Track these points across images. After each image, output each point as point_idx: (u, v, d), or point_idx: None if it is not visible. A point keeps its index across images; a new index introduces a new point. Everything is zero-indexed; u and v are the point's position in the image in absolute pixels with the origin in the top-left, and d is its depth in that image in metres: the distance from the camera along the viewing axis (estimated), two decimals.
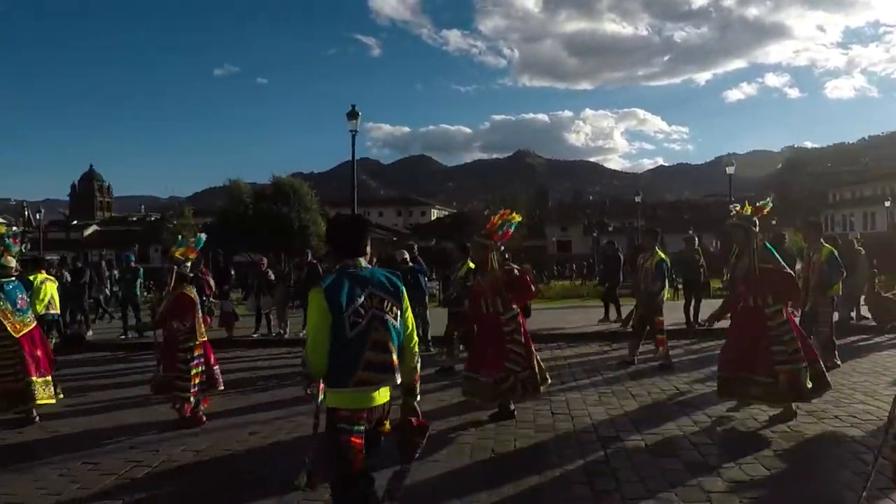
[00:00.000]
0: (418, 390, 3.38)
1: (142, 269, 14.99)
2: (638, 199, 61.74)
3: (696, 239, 14.01)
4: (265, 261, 14.23)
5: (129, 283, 14.09)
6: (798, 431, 5.75)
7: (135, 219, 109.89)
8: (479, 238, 6.84)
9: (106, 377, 10.03)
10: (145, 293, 17.58)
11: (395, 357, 3.13)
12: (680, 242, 13.89)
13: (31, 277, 10.24)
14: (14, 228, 8.07)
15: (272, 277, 13.69)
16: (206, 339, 6.95)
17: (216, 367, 7.06)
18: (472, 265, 8.00)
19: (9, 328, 6.88)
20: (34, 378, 6.91)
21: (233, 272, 17.62)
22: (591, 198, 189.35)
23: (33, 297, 9.94)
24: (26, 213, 53.20)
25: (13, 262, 7.28)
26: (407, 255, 11.63)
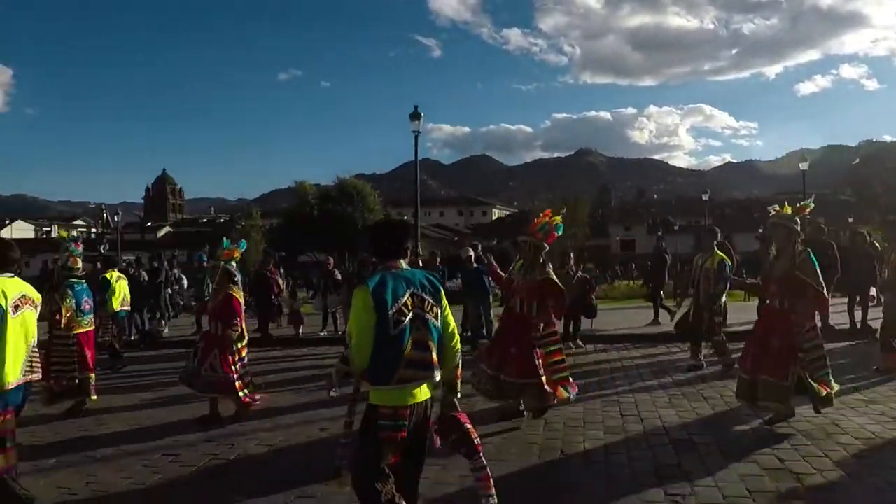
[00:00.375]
0: (459, 387, 3.44)
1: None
2: (705, 197, 60.13)
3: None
4: (332, 260, 14.49)
5: (201, 283, 14.54)
6: (879, 437, 5.51)
7: (205, 220, 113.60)
8: (522, 236, 6.84)
9: None
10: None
11: (434, 355, 3.22)
12: (750, 242, 13.47)
13: (107, 275, 10.78)
14: (73, 233, 8.49)
15: (338, 277, 13.91)
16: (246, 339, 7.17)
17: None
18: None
19: (70, 326, 7.22)
20: (91, 374, 7.31)
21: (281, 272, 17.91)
22: (655, 196, 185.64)
23: (110, 294, 10.45)
24: (105, 215, 55.70)
25: (80, 263, 7.62)
26: (472, 254, 11.64)
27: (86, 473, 5.28)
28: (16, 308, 4.12)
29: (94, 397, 7.51)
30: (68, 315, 7.20)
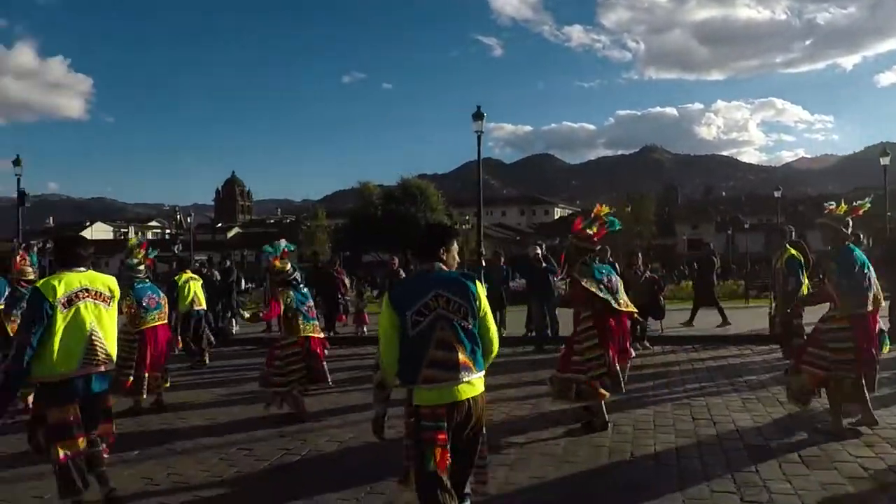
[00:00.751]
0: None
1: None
2: (777, 193, 57.99)
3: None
4: (396, 260, 14.64)
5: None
6: None
7: (271, 221, 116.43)
8: (571, 238, 6.74)
9: (255, 369, 10.66)
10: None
11: (461, 356, 3.19)
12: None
13: (176, 278, 11.30)
14: (139, 237, 8.74)
15: (403, 276, 14.05)
16: (309, 335, 7.20)
17: (324, 362, 7.37)
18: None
19: (129, 322, 7.49)
20: (145, 374, 7.46)
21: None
22: (724, 193, 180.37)
23: (178, 295, 10.87)
24: (178, 216, 57.89)
25: (137, 265, 7.87)
26: (539, 252, 11.59)
27: (166, 465, 5.51)
28: (69, 302, 4.24)
29: (145, 396, 7.62)
30: (131, 311, 7.52)
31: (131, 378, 7.31)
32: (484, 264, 21.52)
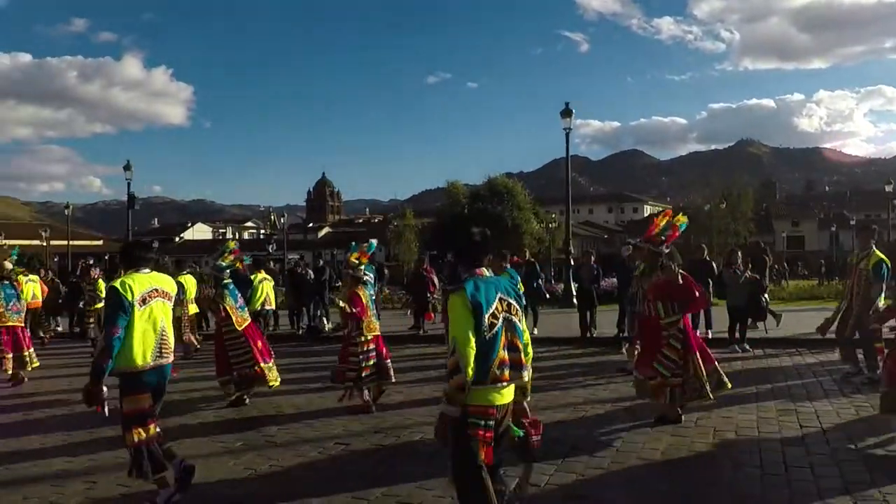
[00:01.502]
0: (530, 389, 3.63)
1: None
2: (888, 188, 54.27)
3: None
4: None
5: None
6: None
7: (360, 221, 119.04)
8: (641, 243, 6.84)
9: None
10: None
11: (523, 356, 3.41)
12: None
13: (252, 276, 11.97)
14: (235, 243, 9.32)
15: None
16: (377, 334, 7.50)
17: (388, 360, 7.59)
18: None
19: (234, 322, 7.88)
20: (262, 364, 7.83)
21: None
22: (826, 188, 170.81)
23: (252, 294, 11.42)
24: (272, 217, 60.06)
25: (225, 268, 8.32)
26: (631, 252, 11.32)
27: (267, 457, 5.70)
28: (143, 301, 4.57)
29: (277, 382, 8.04)
30: (233, 312, 7.92)
31: (256, 369, 7.79)
32: (572, 263, 21.26)
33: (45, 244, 51.06)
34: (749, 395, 7.46)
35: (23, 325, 10.17)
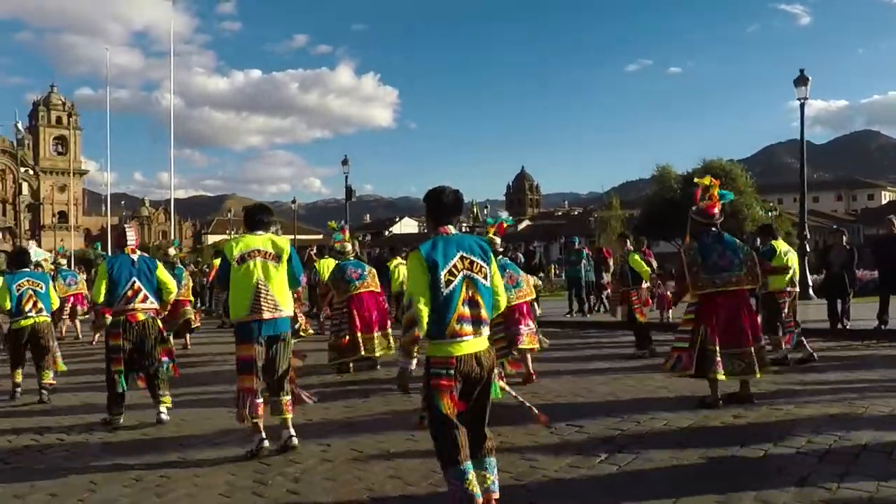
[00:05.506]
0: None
1: (585, 252, 15.77)
2: None
3: None
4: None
5: (574, 264, 14.93)
6: None
7: (559, 213, 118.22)
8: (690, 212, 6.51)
9: (574, 350, 10.66)
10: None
11: (484, 312, 3.47)
12: None
13: (388, 263, 12.86)
14: (342, 222, 10.49)
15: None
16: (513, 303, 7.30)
17: (521, 326, 7.39)
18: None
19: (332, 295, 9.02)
20: (358, 334, 8.49)
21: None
22: None
23: (390, 277, 12.55)
24: (475, 210, 61.58)
25: (341, 249, 9.28)
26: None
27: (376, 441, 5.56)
28: (242, 259, 5.01)
29: (378, 353, 8.77)
30: (338, 285, 8.81)
31: (347, 338, 8.48)
32: (808, 251, 19.03)
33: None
34: None
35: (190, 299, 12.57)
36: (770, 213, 45.54)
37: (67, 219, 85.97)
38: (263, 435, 5.05)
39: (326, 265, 12.84)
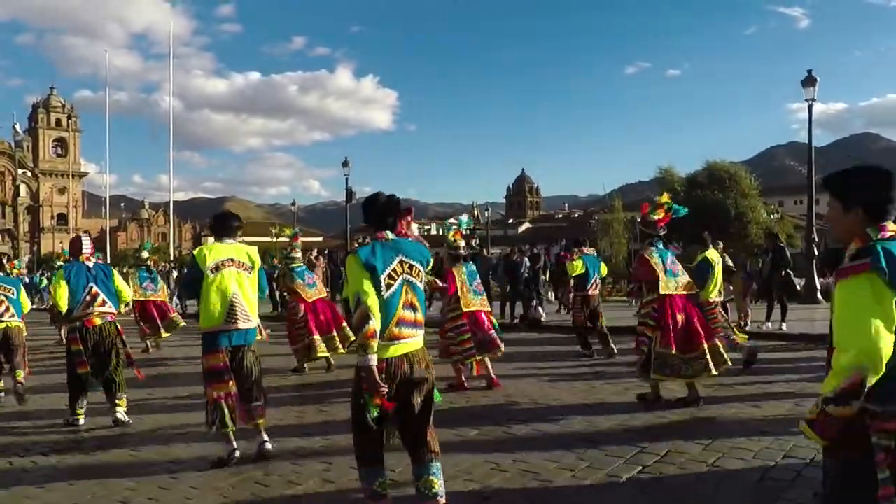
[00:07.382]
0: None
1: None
2: None
3: None
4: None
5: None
6: None
7: (560, 216, 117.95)
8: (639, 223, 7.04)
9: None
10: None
11: (420, 315, 3.52)
12: None
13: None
14: (296, 229, 12.12)
15: (730, 264, 12.71)
16: (472, 309, 7.65)
17: (491, 331, 7.76)
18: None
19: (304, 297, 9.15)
20: (314, 337, 8.87)
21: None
22: None
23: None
24: (476, 212, 61.29)
25: (298, 253, 9.64)
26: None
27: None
28: (216, 269, 4.94)
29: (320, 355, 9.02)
30: (301, 289, 9.13)
31: (306, 341, 8.90)
32: (816, 254, 18.78)
33: (274, 240, 56.46)
34: None
35: (164, 300, 12.40)
36: (773, 216, 45.37)
37: (67, 221, 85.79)
38: (235, 444, 5.01)
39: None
